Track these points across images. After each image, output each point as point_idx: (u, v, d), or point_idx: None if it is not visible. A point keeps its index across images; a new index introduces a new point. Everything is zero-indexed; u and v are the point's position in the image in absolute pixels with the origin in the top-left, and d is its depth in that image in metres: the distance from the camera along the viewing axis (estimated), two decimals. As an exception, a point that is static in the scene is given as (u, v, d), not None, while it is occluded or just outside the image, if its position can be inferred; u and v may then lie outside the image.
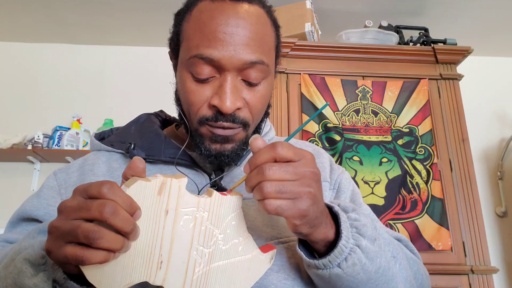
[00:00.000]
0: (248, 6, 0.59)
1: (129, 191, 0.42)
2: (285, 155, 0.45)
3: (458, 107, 1.98)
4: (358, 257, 0.49)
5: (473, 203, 1.82)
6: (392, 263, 0.56)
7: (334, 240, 0.51)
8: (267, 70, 0.60)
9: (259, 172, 0.44)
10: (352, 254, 0.49)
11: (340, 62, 2.01)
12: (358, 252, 0.49)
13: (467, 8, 2.30)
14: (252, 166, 0.46)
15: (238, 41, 0.56)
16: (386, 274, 0.53)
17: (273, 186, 0.43)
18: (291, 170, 0.44)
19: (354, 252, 0.49)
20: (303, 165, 0.46)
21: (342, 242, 0.49)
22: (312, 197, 0.45)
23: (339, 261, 0.49)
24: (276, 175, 0.44)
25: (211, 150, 0.60)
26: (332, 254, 0.49)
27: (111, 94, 2.58)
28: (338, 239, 0.50)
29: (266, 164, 0.44)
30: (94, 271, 0.41)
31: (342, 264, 0.49)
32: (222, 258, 0.47)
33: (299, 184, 0.45)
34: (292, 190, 0.44)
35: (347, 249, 0.49)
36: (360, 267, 0.50)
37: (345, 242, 0.49)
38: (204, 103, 0.59)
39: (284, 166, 0.45)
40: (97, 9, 2.33)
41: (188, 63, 0.58)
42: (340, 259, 0.49)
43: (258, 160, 0.45)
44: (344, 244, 0.49)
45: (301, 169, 0.45)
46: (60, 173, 0.68)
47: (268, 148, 0.45)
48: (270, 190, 0.43)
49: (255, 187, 0.45)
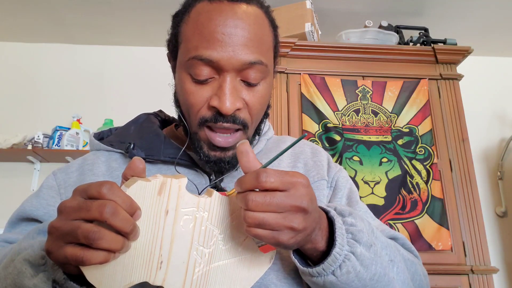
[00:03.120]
0: (246, 7, 0.59)
1: (129, 191, 0.42)
2: (270, 186, 0.42)
3: (458, 107, 1.97)
4: (353, 264, 0.49)
5: (473, 203, 1.81)
6: (389, 268, 0.55)
7: (327, 248, 0.50)
8: (265, 70, 0.60)
9: (242, 199, 0.43)
10: (346, 261, 0.49)
11: (340, 62, 2.01)
12: (352, 259, 0.49)
13: (467, 8, 2.30)
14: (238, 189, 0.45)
15: (236, 41, 0.56)
16: (381, 281, 0.52)
17: (254, 218, 0.42)
18: (274, 203, 0.42)
19: (348, 259, 0.49)
20: (289, 197, 0.43)
21: (336, 250, 0.48)
22: (294, 231, 0.44)
23: (333, 269, 0.49)
24: (258, 207, 0.42)
25: (210, 156, 0.60)
26: (325, 262, 0.49)
27: (111, 94, 2.58)
28: (333, 246, 0.49)
29: (249, 195, 0.42)
30: (94, 271, 0.41)
31: (336, 271, 0.49)
32: (222, 258, 0.47)
33: (281, 218, 0.43)
34: (272, 223, 0.42)
35: (341, 257, 0.49)
36: (355, 274, 0.49)
37: (339, 250, 0.49)
38: (203, 104, 0.59)
39: (269, 197, 0.42)
40: (97, 9, 2.33)
41: (187, 64, 0.58)
42: (334, 267, 0.49)
43: (242, 185, 0.44)
44: (338, 252, 0.49)
45: (286, 202, 0.43)
46: (59, 173, 0.68)
47: (253, 175, 0.43)
48: (250, 221, 0.42)
49: None
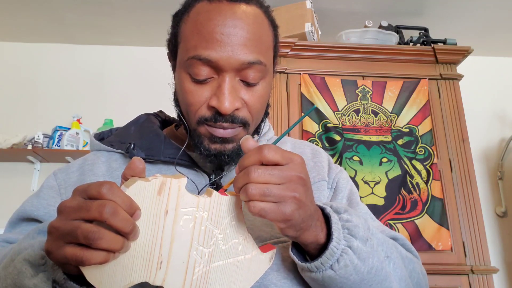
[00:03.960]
0: (245, 7, 0.59)
1: (128, 192, 0.42)
2: (272, 158, 0.45)
3: (458, 107, 1.97)
4: (350, 258, 0.49)
5: (473, 203, 1.81)
6: (385, 263, 0.56)
7: (325, 242, 0.51)
8: (265, 70, 0.60)
9: (245, 174, 0.44)
10: (343, 255, 0.49)
11: (340, 62, 2.01)
12: (349, 253, 0.49)
13: (467, 8, 2.30)
14: (240, 168, 0.46)
15: (235, 41, 0.56)
16: (379, 274, 0.53)
17: (258, 188, 0.43)
18: (276, 173, 0.44)
19: (345, 253, 0.49)
20: (290, 169, 0.45)
21: (333, 243, 0.49)
22: (297, 201, 0.45)
23: (331, 263, 0.49)
24: (261, 178, 0.44)
25: (210, 150, 0.61)
26: (323, 256, 0.49)
27: (111, 94, 2.58)
28: (329, 241, 0.50)
29: (252, 167, 0.44)
30: (94, 272, 0.41)
31: (334, 265, 0.49)
32: (222, 258, 0.47)
33: (284, 188, 0.44)
34: (276, 193, 0.44)
35: (339, 251, 0.49)
36: (353, 268, 0.50)
37: (336, 244, 0.49)
38: (202, 104, 0.59)
39: (270, 169, 0.44)
40: (97, 9, 2.33)
41: (186, 64, 0.59)
42: (332, 261, 0.49)
43: (245, 162, 0.45)
44: (336, 246, 0.49)
45: (287, 173, 0.45)
46: (60, 173, 0.68)
47: (255, 150, 0.45)
48: (254, 192, 0.43)
49: (241, 188, 0.45)
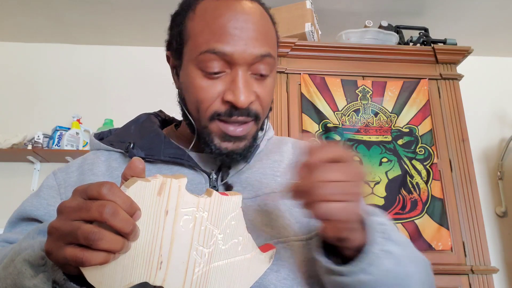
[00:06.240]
0: (250, 3, 0.61)
1: (128, 192, 0.42)
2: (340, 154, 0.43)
3: (458, 107, 1.97)
4: (389, 262, 0.48)
5: (473, 203, 1.81)
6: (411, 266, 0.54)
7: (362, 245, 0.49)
8: (274, 63, 0.62)
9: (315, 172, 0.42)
10: (384, 259, 0.48)
11: (340, 62, 2.01)
12: (389, 257, 0.48)
13: (467, 8, 2.30)
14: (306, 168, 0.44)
15: (248, 35, 0.58)
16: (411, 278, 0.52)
17: (329, 187, 0.42)
18: (345, 170, 0.42)
19: (386, 257, 0.48)
20: (353, 166, 0.44)
21: (375, 247, 0.48)
22: (357, 200, 0.44)
23: (367, 266, 0.47)
24: (333, 176, 0.42)
25: (221, 148, 0.60)
26: (364, 260, 0.47)
27: (111, 94, 2.58)
28: (367, 244, 0.48)
29: (322, 165, 0.42)
30: (94, 272, 0.41)
31: (372, 269, 0.47)
32: (221, 258, 0.47)
33: (353, 186, 0.43)
34: (346, 191, 0.42)
35: (375, 254, 0.48)
36: (390, 272, 0.49)
37: (376, 246, 0.48)
38: (216, 99, 0.59)
39: (338, 166, 0.43)
40: (97, 9, 2.33)
41: (197, 59, 0.59)
42: (375, 265, 0.47)
43: (313, 159, 0.43)
44: (374, 248, 0.48)
45: (353, 169, 0.43)
46: (59, 173, 0.68)
47: (322, 148, 0.44)
48: (325, 192, 0.42)
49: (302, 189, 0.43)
